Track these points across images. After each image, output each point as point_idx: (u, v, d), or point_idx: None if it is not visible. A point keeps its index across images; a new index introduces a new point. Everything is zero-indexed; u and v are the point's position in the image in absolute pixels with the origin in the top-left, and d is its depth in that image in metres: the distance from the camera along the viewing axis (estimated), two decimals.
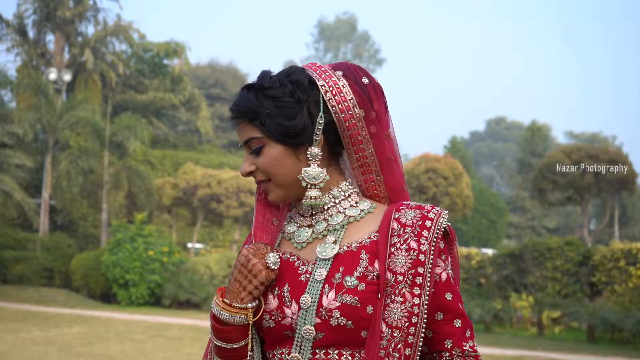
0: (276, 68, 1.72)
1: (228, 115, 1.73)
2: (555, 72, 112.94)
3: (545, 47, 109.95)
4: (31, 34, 28.64)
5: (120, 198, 24.87)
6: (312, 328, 1.57)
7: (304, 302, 1.58)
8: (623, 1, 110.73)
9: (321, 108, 1.64)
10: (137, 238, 20.92)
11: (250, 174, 1.70)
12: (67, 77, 26.26)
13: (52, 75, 25.94)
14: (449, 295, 1.62)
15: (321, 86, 1.64)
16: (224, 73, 43.19)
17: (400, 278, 1.57)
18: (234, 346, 1.63)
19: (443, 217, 1.63)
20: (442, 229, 1.62)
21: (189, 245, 26.02)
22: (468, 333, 1.64)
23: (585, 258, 17.49)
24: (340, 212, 1.68)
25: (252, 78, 1.71)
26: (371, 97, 1.66)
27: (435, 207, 1.65)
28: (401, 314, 1.56)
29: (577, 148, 21.94)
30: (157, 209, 25.96)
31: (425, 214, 1.63)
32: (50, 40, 29.14)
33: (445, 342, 1.63)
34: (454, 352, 1.63)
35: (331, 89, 1.64)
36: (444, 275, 1.62)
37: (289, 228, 1.73)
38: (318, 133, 1.64)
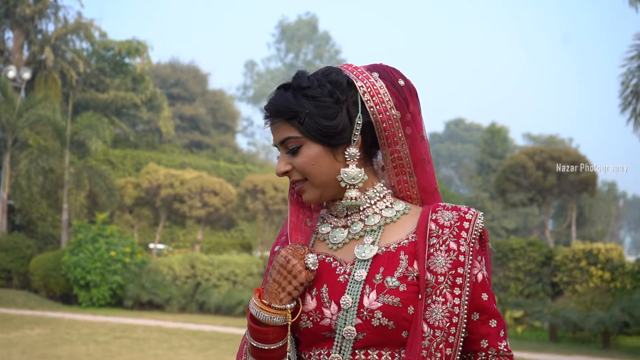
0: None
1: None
2: (512, 74, 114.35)
3: (502, 50, 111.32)
4: None
5: (81, 198, 24.56)
6: (353, 329, 1.57)
7: (344, 302, 1.58)
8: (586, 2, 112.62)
9: (359, 109, 1.64)
10: (98, 238, 20.67)
11: (285, 173, 1.69)
12: (27, 75, 25.83)
13: (11, 73, 25.48)
14: (485, 296, 1.65)
15: (359, 87, 1.65)
16: (185, 72, 42.92)
17: (441, 279, 1.58)
18: (272, 347, 1.62)
19: (480, 219, 1.65)
20: (479, 231, 1.64)
21: (151, 245, 25.80)
22: (502, 333, 1.67)
23: (547, 258, 17.76)
24: (376, 213, 1.69)
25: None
26: (407, 98, 1.68)
27: (472, 209, 1.67)
28: (442, 314, 1.57)
29: (539, 150, 22.26)
30: (118, 209, 25.69)
31: (463, 215, 1.64)
32: (9, 38, 28.62)
33: (481, 342, 1.65)
34: (489, 352, 1.65)
35: (369, 90, 1.65)
36: (479, 276, 1.64)
37: (322, 229, 1.73)
38: (356, 134, 1.64)
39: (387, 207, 1.70)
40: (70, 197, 24.60)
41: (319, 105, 1.63)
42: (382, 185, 1.71)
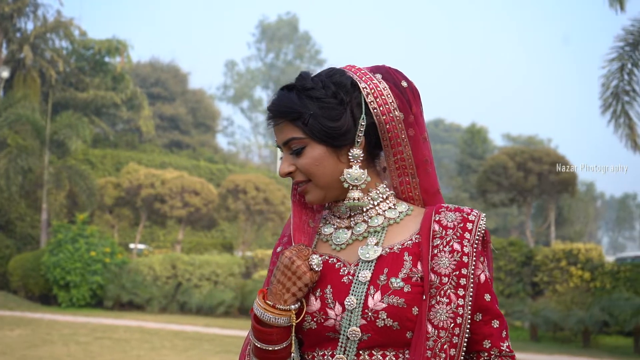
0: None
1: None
2: (492, 75, 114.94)
3: (482, 51, 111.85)
4: None
5: (61, 198, 24.38)
6: (358, 329, 1.58)
7: (349, 303, 1.59)
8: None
9: (363, 110, 1.65)
10: (78, 238, 20.56)
11: (289, 174, 1.69)
12: (5, 73, 25.63)
13: None
14: (487, 297, 1.66)
15: (363, 88, 1.66)
16: (165, 72, 42.75)
17: (445, 279, 1.59)
18: (275, 348, 1.63)
19: (482, 220, 1.66)
20: (482, 232, 1.65)
21: (132, 245, 25.67)
22: (504, 333, 1.68)
23: (528, 258, 17.87)
24: (379, 214, 1.69)
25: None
26: (410, 100, 1.69)
27: (474, 210, 1.68)
28: (447, 315, 1.58)
29: (520, 150, 22.39)
30: (98, 209, 25.54)
31: (466, 216, 1.65)
32: None
33: (484, 343, 1.66)
34: (492, 352, 1.66)
35: (372, 91, 1.66)
36: (482, 277, 1.65)
37: (325, 230, 1.73)
38: (360, 135, 1.65)
39: (390, 208, 1.70)
40: (50, 196, 24.42)
41: (323, 106, 1.63)
42: (385, 186, 1.72)
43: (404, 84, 1.69)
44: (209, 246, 23.92)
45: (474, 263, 1.62)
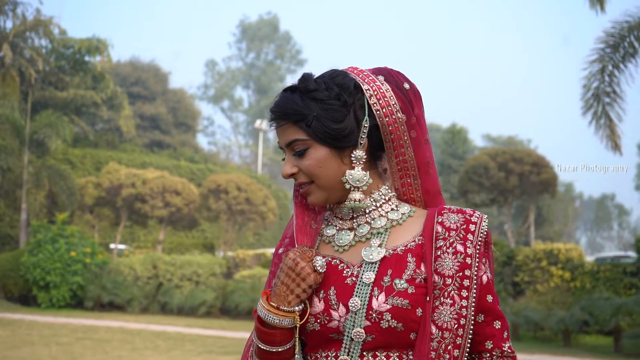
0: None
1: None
2: (472, 76, 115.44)
3: (463, 51, 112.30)
4: None
5: (41, 198, 24.21)
6: (362, 331, 1.58)
7: (353, 305, 1.59)
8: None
9: (366, 112, 1.65)
10: (58, 239, 20.44)
11: (291, 175, 1.69)
12: None
13: None
14: (489, 298, 1.67)
15: (366, 90, 1.66)
16: (145, 71, 42.54)
17: (449, 281, 1.60)
18: (279, 349, 1.63)
19: (485, 222, 1.67)
20: (484, 233, 1.66)
21: (112, 246, 25.53)
22: (506, 334, 1.70)
23: (509, 258, 17.97)
24: (382, 216, 1.70)
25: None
26: (412, 102, 1.69)
27: (477, 212, 1.69)
28: (450, 316, 1.59)
29: (501, 151, 22.50)
30: (79, 209, 25.37)
31: (469, 218, 1.66)
32: None
33: (486, 343, 1.67)
34: (494, 353, 1.68)
35: (375, 93, 1.66)
36: (484, 278, 1.67)
37: (327, 231, 1.73)
38: (363, 136, 1.65)
39: (392, 209, 1.71)
40: (29, 196, 24.25)
41: (326, 108, 1.64)
42: (387, 188, 1.72)
43: (406, 85, 1.70)
44: (190, 246, 23.85)
45: (477, 264, 1.63)
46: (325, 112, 1.63)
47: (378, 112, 1.65)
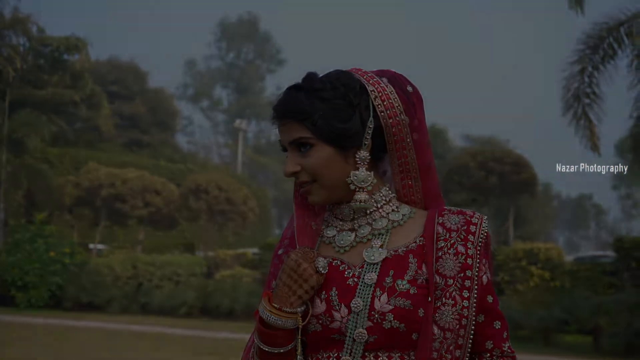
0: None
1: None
2: (453, 76, 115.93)
3: (440, 51, 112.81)
4: None
5: (19, 197, 24.01)
6: (364, 331, 1.58)
7: (355, 305, 1.59)
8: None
9: (371, 113, 1.65)
10: (37, 239, 20.26)
11: (293, 174, 1.68)
12: None
13: None
14: (490, 298, 1.69)
15: (371, 91, 1.67)
16: (124, 70, 42.30)
17: (450, 281, 1.62)
18: (281, 350, 1.63)
19: (485, 223, 1.69)
20: (485, 234, 1.67)
21: (91, 246, 25.37)
22: (505, 334, 1.73)
23: None
24: (383, 217, 1.70)
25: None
26: (415, 105, 1.71)
27: (477, 213, 1.71)
28: (452, 317, 1.60)
29: (482, 150, 22.64)
30: (57, 209, 25.18)
31: (469, 219, 1.68)
32: None
33: (486, 344, 1.69)
34: (494, 353, 1.70)
35: (380, 94, 1.67)
36: (484, 279, 1.68)
37: (328, 232, 1.73)
38: (368, 137, 1.66)
39: (393, 210, 1.71)
40: (7, 196, 24.03)
41: (332, 107, 1.63)
42: (388, 189, 1.73)
43: (410, 88, 1.71)
44: (170, 246, 23.74)
45: (477, 265, 1.64)
46: (331, 112, 1.63)
47: (382, 114, 1.66)
